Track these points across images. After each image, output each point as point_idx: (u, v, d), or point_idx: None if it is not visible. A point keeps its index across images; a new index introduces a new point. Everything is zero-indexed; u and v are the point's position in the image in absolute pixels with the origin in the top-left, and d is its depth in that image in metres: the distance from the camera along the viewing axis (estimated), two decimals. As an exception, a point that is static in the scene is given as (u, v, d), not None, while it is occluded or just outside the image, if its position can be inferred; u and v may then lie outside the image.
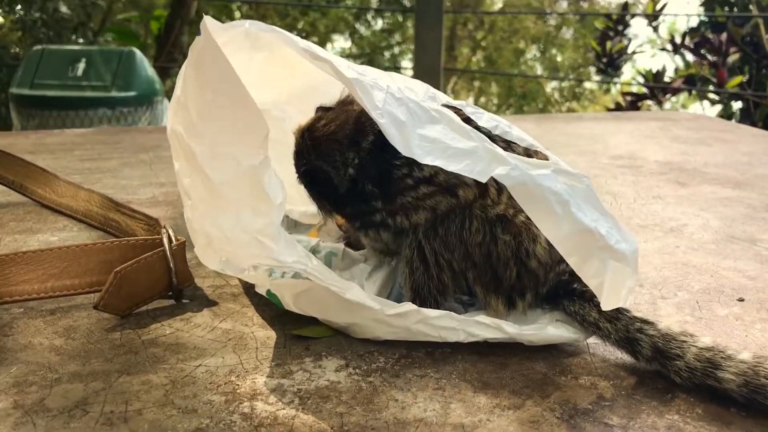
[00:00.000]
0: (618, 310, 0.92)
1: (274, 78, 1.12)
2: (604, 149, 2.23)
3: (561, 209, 0.84)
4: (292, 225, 1.32)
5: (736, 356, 0.84)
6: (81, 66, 6.10)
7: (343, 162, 1.00)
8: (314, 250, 1.18)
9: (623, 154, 2.14)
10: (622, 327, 0.90)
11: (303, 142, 1.07)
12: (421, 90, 0.98)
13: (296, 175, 1.09)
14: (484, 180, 0.84)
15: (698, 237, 1.40)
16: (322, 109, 1.08)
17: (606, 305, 0.89)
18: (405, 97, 0.85)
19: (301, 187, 1.13)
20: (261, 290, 1.00)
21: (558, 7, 17.03)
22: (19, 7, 10.17)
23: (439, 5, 5.45)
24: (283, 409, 0.79)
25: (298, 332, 0.97)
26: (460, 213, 0.95)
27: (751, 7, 7.62)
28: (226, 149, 0.81)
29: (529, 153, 0.96)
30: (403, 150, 0.81)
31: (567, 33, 17.75)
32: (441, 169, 0.95)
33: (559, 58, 17.50)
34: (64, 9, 10.27)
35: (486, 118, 1.00)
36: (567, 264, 0.95)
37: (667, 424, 0.78)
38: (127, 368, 0.87)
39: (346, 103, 1.06)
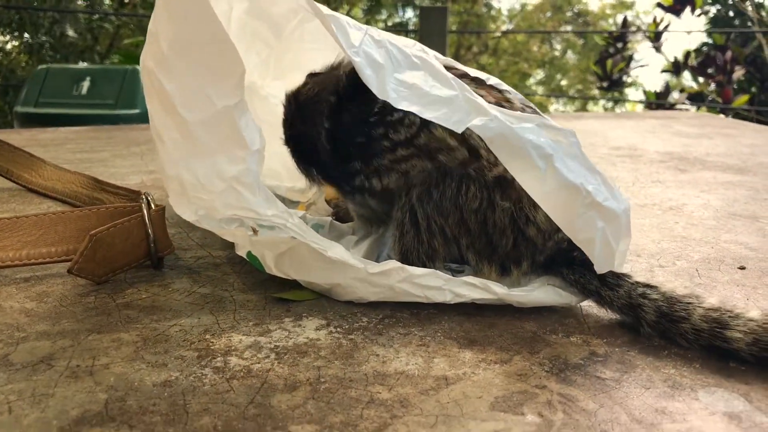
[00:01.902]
0: (619, 277, 0.87)
1: (257, 36, 1.09)
2: (603, 141, 2.19)
3: (543, 163, 0.80)
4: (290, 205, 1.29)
5: (745, 314, 0.79)
6: (86, 84, 6.15)
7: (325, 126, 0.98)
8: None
9: (623, 146, 2.11)
10: (624, 293, 0.86)
11: (289, 108, 1.05)
12: (410, 44, 0.95)
13: (283, 142, 1.07)
14: (459, 130, 0.80)
15: (698, 215, 1.36)
16: (311, 76, 1.06)
17: (599, 267, 0.85)
18: (385, 40, 0.82)
19: (288, 162, 1.10)
20: (241, 251, 0.96)
21: (562, 33, 17.12)
22: (26, 34, 10.29)
23: (443, 28, 5.45)
24: (258, 363, 0.75)
25: (279, 295, 0.93)
26: (457, 176, 0.91)
27: (749, 23, 7.62)
28: (200, 87, 0.78)
29: (523, 111, 0.93)
30: (378, 92, 0.78)
31: (572, 58, 17.83)
32: (420, 131, 0.92)
33: (563, 82, 17.55)
34: (71, 33, 10.38)
35: (474, 75, 0.98)
36: None
37: (662, 378, 0.74)
38: (98, 328, 0.83)
39: (335, 67, 1.04)
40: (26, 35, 10.34)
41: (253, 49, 1.11)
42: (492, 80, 0.97)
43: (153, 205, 1.01)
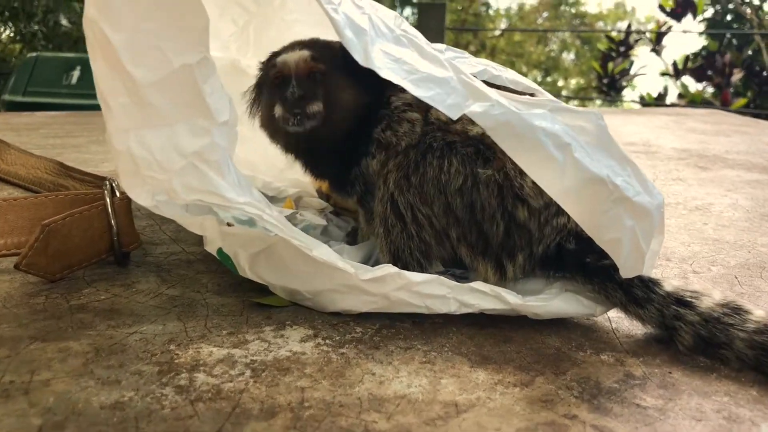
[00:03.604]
0: (648, 287, 0.74)
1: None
2: (615, 137, 2.06)
3: (561, 154, 0.68)
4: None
5: None
6: (76, 74, 5.99)
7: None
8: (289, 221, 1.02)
9: (637, 142, 1.98)
10: (656, 312, 0.73)
11: None
12: (391, 16, 0.82)
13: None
14: (455, 116, 0.68)
15: (728, 215, 1.24)
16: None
17: (626, 272, 0.73)
18: (369, 7, 0.70)
19: (269, 151, 0.97)
20: (211, 247, 0.83)
21: (559, 33, 17.05)
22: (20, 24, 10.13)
23: (441, 24, 5.37)
24: (230, 382, 0.63)
25: (260, 300, 0.80)
26: (438, 150, 0.80)
27: (748, 27, 7.55)
28: (153, 40, 0.64)
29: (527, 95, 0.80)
30: (362, 58, 0.65)
31: (568, 57, 17.76)
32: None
33: (561, 83, 17.48)
34: (64, 22, 10.20)
35: (470, 62, 0.85)
36: (567, 218, 0.79)
37: (715, 407, 0.62)
38: (43, 334, 0.70)
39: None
40: (19, 23, 10.17)
41: (228, 15, 0.97)
42: (469, 62, 0.84)
43: (118, 193, 0.88)
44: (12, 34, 10.94)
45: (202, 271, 0.89)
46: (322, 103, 0.83)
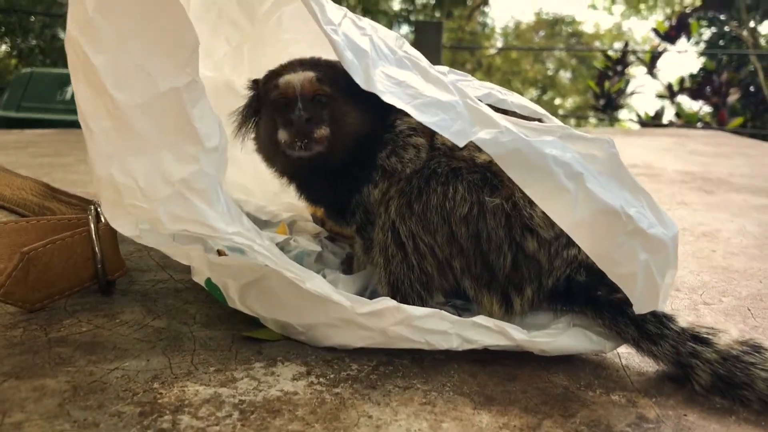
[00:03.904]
0: (661, 322, 0.70)
1: (225, 16, 0.92)
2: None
3: (573, 184, 0.64)
4: (261, 225, 1.12)
5: None
6: (70, 90, 5.96)
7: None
8: (282, 248, 0.98)
9: (639, 164, 1.95)
10: (670, 349, 0.69)
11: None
12: (392, 37, 0.78)
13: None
14: (461, 143, 0.64)
15: (736, 242, 1.20)
16: None
17: (640, 307, 0.69)
18: (368, 27, 0.66)
19: (263, 173, 0.92)
20: (199, 278, 0.78)
21: (556, 52, 17.12)
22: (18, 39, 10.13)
23: (438, 42, 5.38)
24: (216, 425, 0.58)
25: (250, 334, 0.76)
26: (443, 177, 0.76)
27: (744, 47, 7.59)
28: (138, 61, 0.60)
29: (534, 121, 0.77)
30: (363, 82, 0.62)
31: (565, 76, 17.83)
32: None
33: (557, 101, 17.53)
34: (62, 36, 10.20)
35: (474, 85, 0.82)
36: (578, 249, 0.75)
37: (735, 454, 0.57)
38: (18, 371, 0.66)
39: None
40: (17, 40, 10.17)
41: (221, 34, 0.93)
42: (473, 85, 0.81)
43: (103, 218, 0.84)
44: (9, 49, 10.94)
45: (191, 300, 0.85)
46: (328, 128, 0.79)
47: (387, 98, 0.62)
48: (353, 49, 0.62)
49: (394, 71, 0.65)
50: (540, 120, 0.78)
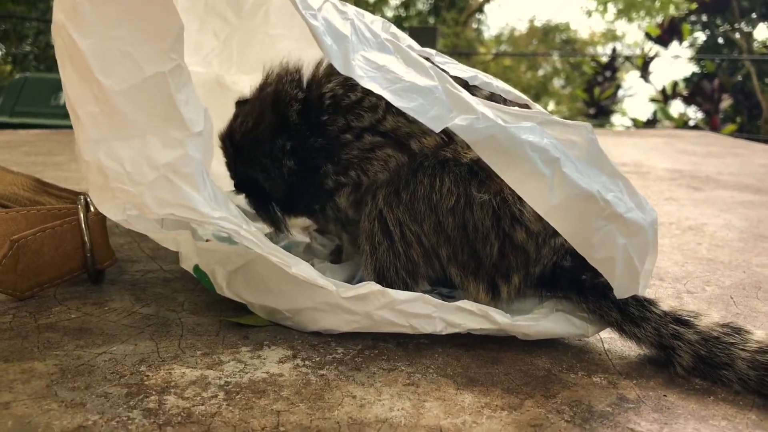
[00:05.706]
0: (643, 306, 0.72)
1: (212, 10, 0.93)
2: (606, 159, 2.05)
3: (549, 170, 0.64)
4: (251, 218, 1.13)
5: None
6: (63, 95, 5.98)
7: (274, 158, 0.83)
8: (271, 240, 0.99)
9: (628, 162, 1.97)
10: (652, 331, 0.70)
11: (227, 151, 0.88)
12: (378, 21, 0.79)
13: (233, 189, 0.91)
14: (437, 129, 0.64)
15: (722, 235, 1.21)
16: (239, 104, 0.90)
17: (620, 292, 0.70)
18: (351, 12, 0.67)
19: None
20: (186, 265, 0.79)
21: (550, 59, 17.20)
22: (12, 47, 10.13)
23: (433, 49, 5.40)
24: (201, 405, 0.59)
25: (237, 319, 0.77)
26: (430, 169, 0.76)
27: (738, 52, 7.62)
28: (124, 47, 0.61)
29: (516, 106, 0.77)
30: (341, 66, 0.62)
31: (558, 83, 17.91)
32: (386, 115, 0.77)
33: (551, 107, 17.60)
34: (56, 43, 10.21)
35: (460, 68, 0.82)
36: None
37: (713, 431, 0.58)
38: (7, 354, 0.67)
39: (263, 87, 0.87)
40: (12, 46, 10.18)
41: (209, 27, 0.94)
42: (458, 68, 0.81)
43: (92, 208, 0.85)
44: (3, 55, 10.95)
45: (179, 289, 0.86)
46: None
47: (365, 83, 0.63)
48: (333, 34, 0.62)
49: (375, 55, 0.65)
50: (525, 106, 0.79)
